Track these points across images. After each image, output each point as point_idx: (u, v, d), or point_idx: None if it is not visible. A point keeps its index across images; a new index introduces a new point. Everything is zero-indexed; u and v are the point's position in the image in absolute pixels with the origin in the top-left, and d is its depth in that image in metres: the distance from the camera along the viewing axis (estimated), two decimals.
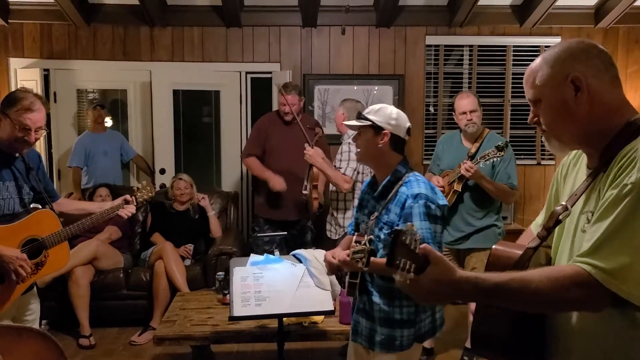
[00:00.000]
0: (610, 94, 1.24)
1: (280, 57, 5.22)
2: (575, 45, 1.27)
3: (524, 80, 1.35)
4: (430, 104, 5.38)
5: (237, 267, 2.75)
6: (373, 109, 2.19)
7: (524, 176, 5.22)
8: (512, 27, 5.17)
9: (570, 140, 1.30)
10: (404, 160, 2.19)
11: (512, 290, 1.13)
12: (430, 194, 2.06)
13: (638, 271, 1.08)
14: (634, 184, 1.10)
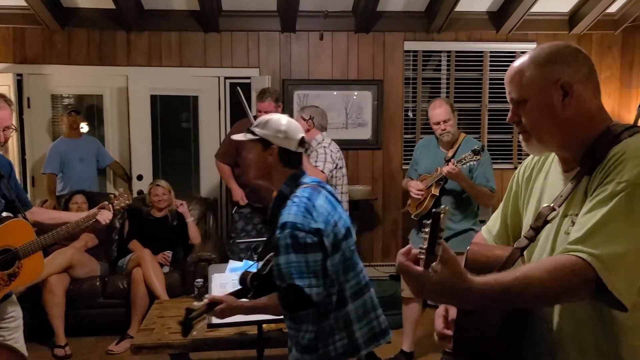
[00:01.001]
0: (592, 101, 1.26)
1: (259, 63, 5.20)
2: (564, 50, 1.27)
3: (507, 78, 1.33)
4: (409, 109, 5.42)
5: (216, 274, 2.73)
6: (261, 121, 2.04)
7: (501, 180, 5.26)
8: (488, 33, 5.24)
9: (551, 143, 1.30)
10: (292, 176, 2.01)
11: (517, 290, 1.09)
12: (299, 220, 1.84)
13: (626, 264, 1.09)
14: (628, 181, 1.12)
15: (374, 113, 5.27)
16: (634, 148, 1.16)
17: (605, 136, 1.23)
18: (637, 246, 1.10)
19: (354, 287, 1.98)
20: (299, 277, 1.82)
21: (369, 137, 5.29)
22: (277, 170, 2.02)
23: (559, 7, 5.09)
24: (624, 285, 1.09)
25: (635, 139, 1.20)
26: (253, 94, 5.15)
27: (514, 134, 5.44)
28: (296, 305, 1.88)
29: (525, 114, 1.29)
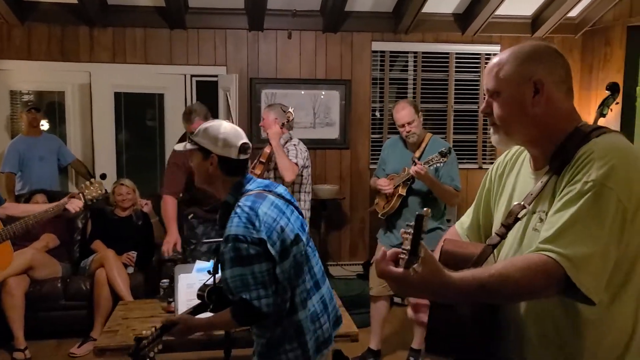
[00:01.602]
0: (564, 103, 1.30)
1: (227, 61, 5.16)
2: (545, 50, 1.31)
3: (487, 69, 1.36)
4: (377, 109, 5.45)
5: (182, 274, 2.69)
6: (200, 129, 1.98)
7: (467, 180, 5.36)
8: (454, 35, 5.32)
9: (518, 137, 1.34)
10: (236, 185, 1.96)
11: (492, 287, 1.14)
12: (241, 232, 1.80)
13: (593, 263, 1.13)
14: (595, 181, 1.15)
15: (342, 113, 5.29)
16: (601, 148, 1.19)
17: (574, 136, 1.27)
18: (603, 246, 1.13)
19: (303, 294, 1.96)
20: (246, 290, 1.80)
21: (337, 137, 5.30)
22: (220, 179, 1.97)
23: (522, 11, 5.20)
24: (592, 282, 1.12)
25: (603, 139, 1.22)
26: (220, 92, 5.11)
27: (479, 135, 5.54)
28: (247, 318, 1.87)
29: (497, 106, 1.32)
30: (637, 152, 1.23)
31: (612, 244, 1.15)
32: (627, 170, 1.17)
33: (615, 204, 1.14)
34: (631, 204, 1.15)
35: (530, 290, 1.15)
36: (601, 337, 1.22)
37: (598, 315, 1.20)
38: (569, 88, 1.31)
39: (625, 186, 1.15)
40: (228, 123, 2.01)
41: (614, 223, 1.14)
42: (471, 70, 5.47)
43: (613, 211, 1.14)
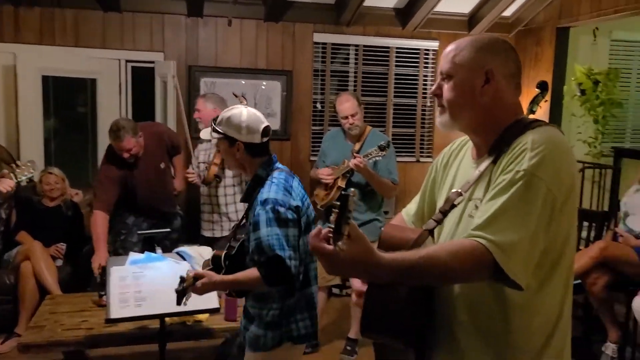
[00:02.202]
0: (511, 97, 1.35)
1: (164, 47, 4.99)
2: (502, 44, 1.36)
3: (445, 52, 1.39)
4: (318, 101, 5.45)
5: (115, 267, 2.59)
6: (223, 118, 2.11)
7: (404, 173, 5.46)
8: (395, 30, 5.38)
9: (462, 123, 1.37)
10: (266, 161, 2.14)
11: (421, 269, 1.17)
12: (280, 197, 2.00)
13: (522, 250, 1.17)
14: (525, 170, 1.20)
15: (283, 104, 5.25)
16: (534, 139, 1.24)
17: (514, 127, 1.32)
18: (531, 233, 1.18)
19: (314, 271, 2.17)
20: (281, 248, 1.92)
21: (278, 128, 5.26)
22: (247, 162, 2.12)
23: (460, 8, 5.33)
24: (520, 268, 1.17)
25: (538, 131, 1.27)
26: (157, 79, 4.95)
27: (417, 129, 5.65)
28: (277, 277, 1.96)
29: (447, 89, 1.36)
30: (567, 146, 1.28)
31: (541, 231, 1.19)
32: (557, 161, 1.21)
33: (544, 193, 1.19)
34: (561, 193, 1.20)
35: (458, 273, 1.19)
36: (529, 321, 1.28)
37: (526, 300, 1.25)
38: (518, 84, 1.37)
39: (555, 176, 1.20)
40: (247, 109, 2.12)
41: (543, 211, 1.18)
42: (411, 64, 5.56)
43: (542, 200, 1.18)
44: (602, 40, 5.31)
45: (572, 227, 1.29)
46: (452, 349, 1.36)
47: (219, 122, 2.11)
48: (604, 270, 3.32)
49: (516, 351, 1.29)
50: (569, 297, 1.33)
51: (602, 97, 4.75)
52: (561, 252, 1.26)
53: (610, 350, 3.43)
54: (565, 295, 1.31)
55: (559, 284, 1.29)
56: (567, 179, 1.23)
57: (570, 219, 1.27)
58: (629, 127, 5.95)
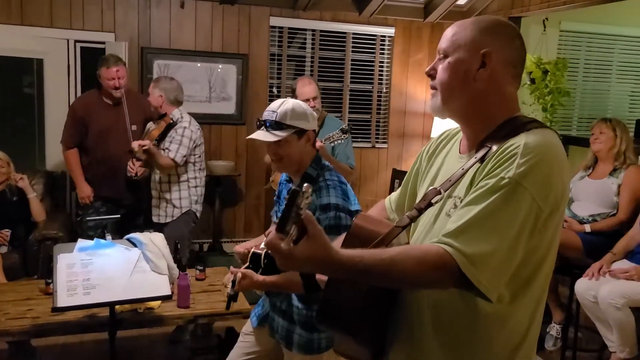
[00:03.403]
0: (508, 87, 1.25)
1: (115, 27, 4.83)
2: (506, 29, 1.27)
3: (447, 30, 1.29)
4: (274, 85, 5.41)
5: (62, 254, 2.52)
6: (286, 112, 1.93)
7: (360, 158, 5.50)
8: (351, 15, 5.38)
9: (453, 109, 1.28)
10: (316, 157, 2.03)
11: (380, 271, 1.11)
12: (341, 202, 1.90)
13: (494, 261, 1.10)
14: (511, 178, 1.11)
15: (239, 88, 5.18)
16: (527, 145, 1.14)
17: (508, 125, 1.22)
18: (508, 245, 1.10)
19: None
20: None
21: (233, 112, 5.20)
22: (309, 154, 2.02)
23: None
24: (490, 280, 1.10)
25: (533, 134, 1.17)
26: None
27: (373, 115, 5.69)
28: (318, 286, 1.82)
29: (441, 68, 1.27)
30: (562, 154, 1.18)
31: (520, 244, 1.12)
32: (547, 171, 1.13)
33: (529, 203, 1.11)
34: (547, 205, 1.13)
35: (421, 280, 1.14)
36: (495, 332, 1.22)
37: (496, 310, 1.19)
38: (517, 74, 1.27)
39: (542, 187, 1.12)
40: (292, 100, 2.01)
41: (525, 223, 1.11)
42: (367, 50, 5.57)
43: (526, 211, 1.11)
44: (552, 30, 5.45)
45: (555, 241, 1.21)
46: (410, 350, 1.31)
47: (282, 117, 1.92)
48: None
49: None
50: (540, 310, 1.26)
51: (551, 86, 4.89)
52: (539, 266, 1.19)
53: (555, 331, 3.57)
54: (536, 309, 1.25)
55: (532, 298, 1.22)
56: (556, 190, 1.14)
57: (555, 232, 1.19)
58: (576, 115, 6.16)
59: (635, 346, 3.03)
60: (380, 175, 5.70)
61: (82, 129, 3.93)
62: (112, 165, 3.92)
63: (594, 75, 6.12)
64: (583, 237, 3.45)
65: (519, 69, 1.27)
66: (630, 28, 5.99)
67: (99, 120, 3.91)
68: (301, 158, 2.00)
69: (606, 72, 6.16)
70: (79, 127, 3.93)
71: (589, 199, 3.57)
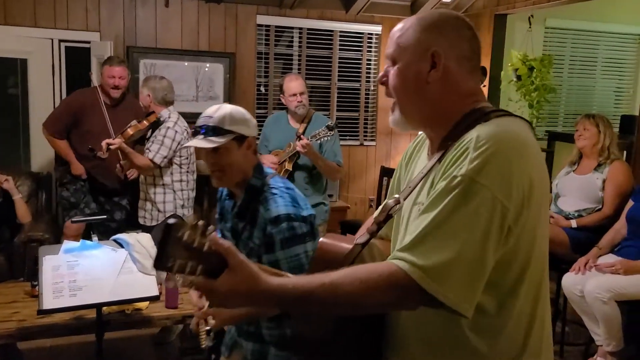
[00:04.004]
0: (466, 82, 1.15)
1: (100, 26, 4.79)
2: (452, 21, 1.16)
3: (391, 33, 1.20)
4: (262, 84, 5.40)
5: (47, 256, 2.49)
6: (225, 116, 1.79)
7: (348, 156, 5.50)
8: (338, 13, 5.38)
9: (412, 118, 1.19)
10: (257, 166, 1.88)
11: (321, 297, 1.00)
12: (292, 210, 1.77)
13: (460, 270, 0.98)
14: (464, 175, 1.00)
15: (226, 87, 5.16)
16: (480, 136, 1.03)
17: (468, 118, 1.11)
18: (470, 250, 0.98)
19: None
20: (301, 271, 1.68)
21: None
22: (251, 162, 1.86)
23: None
24: (459, 292, 0.98)
25: (490, 124, 1.06)
26: (93, 60, 4.75)
27: (361, 112, 5.69)
28: None
29: (392, 76, 1.17)
30: (525, 142, 1.05)
31: (489, 247, 0.99)
32: (505, 163, 1.00)
33: (490, 202, 0.98)
34: (513, 202, 1.00)
35: (372, 303, 1.01)
36: (488, 347, 1.08)
37: (485, 323, 1.07)
38: (475, 66, 1.17)
39: (501, 182, 0.99)
40: (229, 104, 1.89)
41: (490, 224, 0.98)
42: (354, 48, 5.58)
43: (488, 210, 0.98)
44: (537, 27, 5.49)
45: (538, 241, 1.07)
46: None
47: (219, 122, 1.78)
48: None
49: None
50: (538, 318, 1.11)
51: (537, 82, 4.92)
52: (523, 270, 1.06)
53: None
54: (532, 317, 1.10)
55: (525, 306, 1.08)
56: (520, 184, 1.00)
57: (535, 231, 1.06)
58: (562, 111, 6.21)
59: (621, 339, 3.07)
60: (368, 173, 5.70)
61: (69, 124, 3.97)
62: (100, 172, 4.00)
63: (579, 72, 6.17)
64: (569, 233, 3.48)
65: (475, 61, 1.17)
66: (614, 25, 6.05)
67: (91, 120, 3.90)
68: (243, 168, 1.85)
69: (591, 69, 6.22)
70: (68, 119, 3.96)
71: (574, 195, 3.60)
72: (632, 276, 3.03)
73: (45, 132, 4.04)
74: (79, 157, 4.01)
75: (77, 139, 3.97)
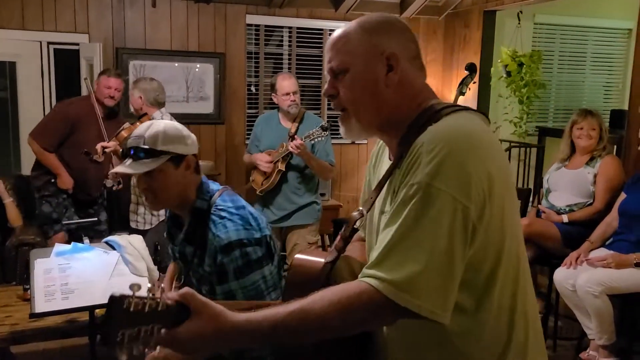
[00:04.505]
0: (416, 80, 1.15)
1: (89, 28, 4.77)
2: (395, 22, 1.16)
3: (329, 44, 1.16)
4: (252, 84, 5.39)
5: (39, 259, 2.48)
6: (157, 136, 1.62)
7: (340, 155, 5.50)
8: (328, 12, 5.38)
9: (370, 125, 1.15)
10: (200, 186, 1.72)
11: (292, 327, 0.97)
12: (244, 235, 1.61)
13: (430, 279, 0.96)
14: (420, 182, 0.98)
15: (216, 87, 5.15)
16: (430, 138, 1.02)
17: (419, 119, 1.09)
18: (438, 257, 0.97)
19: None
20: (260, 299, 1.60)
21: (211, 111, 5.16)
22: (193, 183, 1.70)
23: None
24: (431, 300, 0.96)
25: (440, 125, 1.05)
26: (83, 62, 4.73)
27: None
28: None
29: (345, 86, 1.13)
30: (478, 136, 1.04)
31: (456, 251, 0.97)
32: (459, 162, 0.98)
33: (450, 205, 0.96)
34: (473, 201, 0.98)
35: (344, 324, 0.98)
36: (475, 342, 1.07)
37: (465, 324, 1.06)
38: (421, 65, 1.18)
39: (459, 182, 0.97)
40: (162, 120, 1.78)
41: (453, 227, 0.97)
42: None
43: (450, 214, 0.96)
44: (526, 23, 5.52)
45: (506, 233, 1.05)
46: None
47: (151, 142, 1.62)
48: (528, 246, 3.46)
49: None
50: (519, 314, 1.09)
51: (527, 78, 4.94)
52: (495, 267, 1.05)
53: None
54: (513, 313, 1.08)
55: (503, 297, 1.07)
56: (478, 181, 0.98)
57: (500, 224, 1.03)
58: (552, 107, 6.24)
59: (613, 333, 3.09)
60: (360, 171, 5.71)
61: (64, 135, 3.83)
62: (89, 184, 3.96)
63: (568, 67, 6.21)
64: (561, 227, 3.50)
65: (420, 59, 1.17)
66: (603, 20, 6.09)
67: (86, 131, 3.81)
68: (182, 190, 1.69)
69: (580, 64, 6.26)
70: (64, 131, 3.82)
71: (565, 189, 3.62)
72: (624, 270, 3.05)
73: (34, 144, 3.86)
74: (69, 170, 3.89)
75: (69, 150, 3.85)
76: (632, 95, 3.81)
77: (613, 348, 3.11)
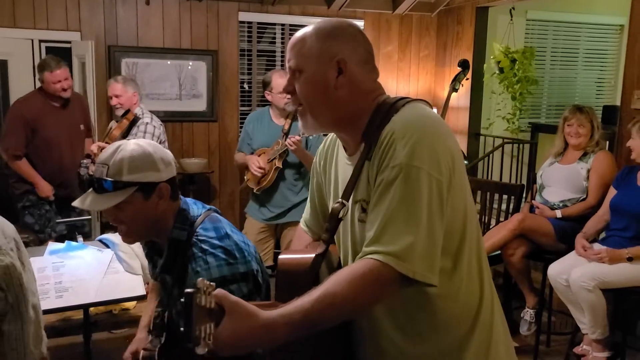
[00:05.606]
0: (367, 82, 1.25)
1: (81, 26, 4.74)
2: (347, 28, 1.26)
3: (290, 44, 1.27)
4: (245, 81, 5.38)
5: (32, 258, 2.47)
6: (122, 164, 1.44)
7: None
8: (320, 9, 5.37)
9: (325, 121, 1.27)
10: (179, 213, 1.54)
11: (320, 311, 1.03)
12: (226, 271, 1.45)
13: (421, 248, 1.08)
14: (400, 164, 1.11)
15: (209, 84, 5.14)
16: (400, 126, 1.16)
17: (377, 114, 1.22)
18: (425, 227, 1.10)
19: None
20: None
21: (204, 109, 5.15)
22: (170, 211, 1.53)
23: None
24: (426, 266, 1.09)
25: (401, 115, 1.19)
26: (75, 60, 4.71)
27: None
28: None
29: (300, 85, 1.24)
30: (437, 121, 1.21)
31: (436, 220, 1.11)
32: (430, 142, 1.13)
33: (427, 180, 1.11)
34: (443, 175, 1.13)
35: (363, 300, 1.08)
36: (450, 309, 1.22)
37: (443, 287, 1.17)
38: (372, 67, 1.28)
39: (431, 160, 1.12)
40: (133, 140, 1.53)
41: (431, 200, 1.11)
42: None
43: (427, 188, 1.10)
44: (519, 19, 5.53)
45: (467, 201, 1.22)
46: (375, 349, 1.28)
47: (115, 173, 1.43)
48: (521, 242, 3.48)
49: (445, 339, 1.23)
50: (485, 268, 1.27)
51: (519, 74, 4.96)
52: (463, 230, 1.20)
53: (529, 316, 3.64)
54: (480, 269, 1.26)
55: (472, 259, 1.23)
56: (445, 157, 1.14)
57: (462, 194, 1.19)
58: (545, 103, 6.27)
59: (606, 327, 3.11)
60: None
61: (30, 135, 3.71)
62: (67, 174, 3.84)
63: (561, 63, 6.23)
64: (554, 223, 3.51)
65: (372, 62, 1.28)
66: (595, 16, 6.12)
67: (49, 125, 3.73)
68: (156, 220, 1.51)
69: (573, 60, 6.28)
70: (27, 132, 3.70)
71: (559, 185, 3.63)
72: (617, 265, 3.06)
73: (6, 155, 3.74)
74: (44, 173, 3.79)
75: (36, 151, 3.76)
76: (624, 91, 3.82)
77: (606, 342, 3.13)
